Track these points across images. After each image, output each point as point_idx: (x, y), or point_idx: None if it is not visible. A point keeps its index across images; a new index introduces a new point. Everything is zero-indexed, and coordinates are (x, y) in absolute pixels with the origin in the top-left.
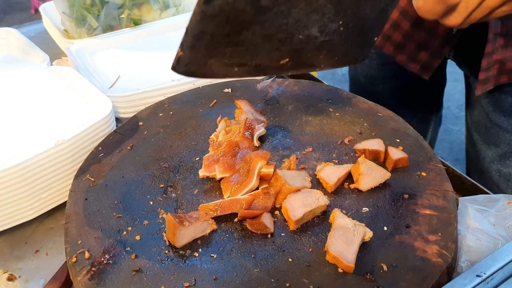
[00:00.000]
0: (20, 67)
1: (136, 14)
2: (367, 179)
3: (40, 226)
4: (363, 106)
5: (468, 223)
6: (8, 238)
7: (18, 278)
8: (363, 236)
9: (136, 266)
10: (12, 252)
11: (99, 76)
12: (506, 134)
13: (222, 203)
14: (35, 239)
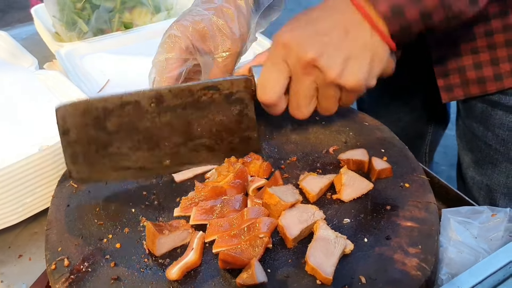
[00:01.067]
0: (8, 70)
1: (127, 18)
2: (349, 189)
3: (24, 231)
4: (350, 114)
5: (450, 235)
6: None
7: (0, 283)
8: (344, 249)
9: (115, 274)
10: None
11: (88, 80)
12: (478, 141)
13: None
14: (18, 244)
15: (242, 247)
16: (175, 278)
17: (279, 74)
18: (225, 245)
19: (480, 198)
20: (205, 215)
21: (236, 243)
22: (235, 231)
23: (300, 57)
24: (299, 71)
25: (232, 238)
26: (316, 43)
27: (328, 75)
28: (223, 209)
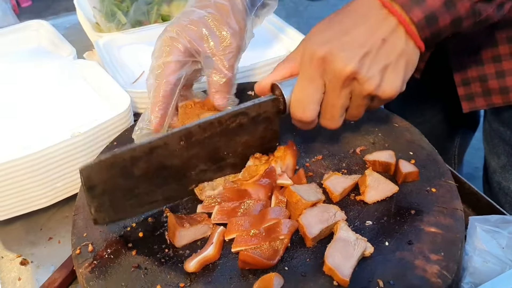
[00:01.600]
0: (48, 58)
1: (165, 10)
2: (373, 191)
3: (55, 214)
4: (380, 115)
5: (476, 244)
6: (24, 223)
7: (30, 263)
8: (364, 251)
9: (135, 262)
10: (27, 237)
11: (123, 71)
12: (505, 145)
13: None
14: (49, 227)
15: (262, 248)
16: (193, 271)
17: (316, 92)
18: (245, 244)
19: (506, 205)
20: (226, 216)
21: (255, 243)
22: (255, 230)
23: (339, 72)
24: (337, 85)
25: (252, 237)
26: (355, 55)
27: (367, 87)
28: (244, 212)
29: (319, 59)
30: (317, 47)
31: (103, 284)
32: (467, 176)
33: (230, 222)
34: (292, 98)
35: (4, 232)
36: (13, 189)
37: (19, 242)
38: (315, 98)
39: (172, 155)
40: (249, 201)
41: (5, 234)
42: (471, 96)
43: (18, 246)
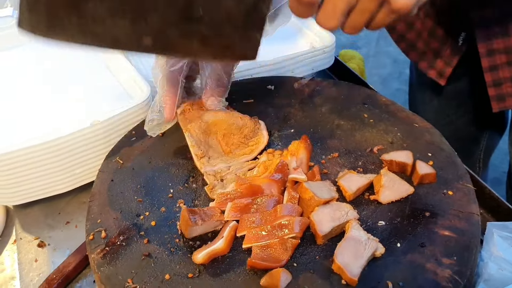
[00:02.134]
0: None
1: None
2: (388, 191)
3: (74, 199)
4: (400, 114)
5: (492, 250)
6: (44, 207)
7: (47, 246)
8: (374, 251)
9: (146, 251)
10: (45, 220)
11: (147, 61)
12: None
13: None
14: (67, 211)
15: (272, 247)
16: (200, 262)
17: None
18: (255, 241)
19: None
20: (239, 212)
21: (266, 239)
22: (267, 227)
23: None
24: None
25: (263, 234)
26: None
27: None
28: (257, 209)
29: None
30: None
31: (113, 270)
32: (493, 180)
33: (242, 218)
34: None
35: (23, 214)
36: (33, 174)
37: (37, 225)
38: None
39: None
40: (262, 198)
41: (24, 216)
42: (502, 97)
43: (36, 228)
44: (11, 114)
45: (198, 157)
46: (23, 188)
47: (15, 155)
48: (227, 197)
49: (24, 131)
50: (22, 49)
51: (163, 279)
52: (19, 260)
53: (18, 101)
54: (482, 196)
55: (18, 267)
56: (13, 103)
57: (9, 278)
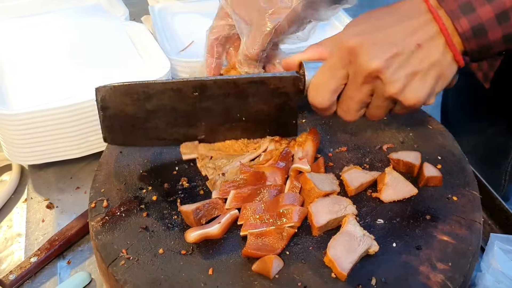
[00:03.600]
0: (101, 17)
1: None
2: (390, 191)
3: (86, 166)
4: (416, 115)
5: (491, 262)
6: (57, 171)
7: (55, 208)
8: (368, 249)
9: (144, 224)
10: (57, 184)
11: (173, 38)
12: None
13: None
14: (79, 177)
15: (267, 235)
16: (192, 242)
17: (336, 81)
18: (252, 228)
19: None
20: (241, 202)
21: (263, 227)
22: (266, 215)
23: (364, 66)
24: (359, 80)
25: (261, 223)
26: (384, 53)
27: (389, 89)
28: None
29: (347, 49)
30: (349, 38)
31: (110, 239)
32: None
33: (244, 207)
34: (311, 81)
35: (36, 176)
36: (48, 136)
37: (49, 187)
38: (332, 87)
39: (184, 102)
40: (264, 187)
41: (37, 177)
42: None
43: (47, 190)
44: (33, 77)
45: (200, 159)
46: (38, 149)
47: (33, 116)
48: (230, 185)
49: (44, 94)
50: (50, 15)
51: (157, 253)
52: (27, 218)
53: (41, 65)
54: (492, 208)
55: (25, 225)
56: (35, 67)
57: (16, 234)
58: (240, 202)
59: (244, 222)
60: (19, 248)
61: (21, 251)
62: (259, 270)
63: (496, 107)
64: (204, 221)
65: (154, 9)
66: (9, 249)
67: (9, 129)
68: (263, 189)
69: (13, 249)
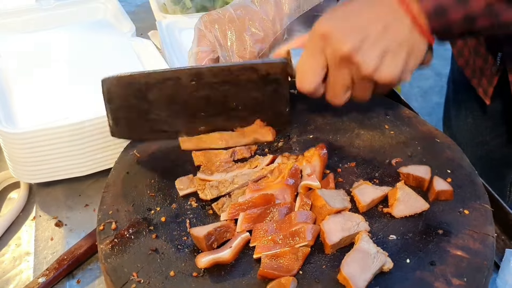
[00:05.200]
0: (107, 32)
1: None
2: (402, 206)
3: (95, 183)
4: (421, 128)
5: (507, 278)
6: (65, 188)
7: (64, 226)
8: (382, 266)
9: (154, 246)
10: (65, 201)
11: (181, 54)
12: None
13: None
14: (88, 194)
15: (282, 256)
16: (203, 267)
17: (317, 65)
18: (266, 250)
19: None
20: (252, 223)
21: (277, 248)
22: (279, 236)
23: (336, 50)
24: (336, 62)
25: (274, 244)
26: (354, 37)
27: (363, 70)
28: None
29: (320, 36)
30: (321, 25)
31: (120, 262)
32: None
33: (255, 228)
34: (297, 66)
35: (44, 193)
36: (55, 154)
37: (57, 204)
38: (315, 71)
39: (183, 91)
40: (274, 206)
41: (45, 195)
42: None
43: (56, 208)
44: (39, 94)
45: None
46: (45, 167)
47: (39, 134)
48: (239, 207)
49: (50, 112)
50: (57, 31)
51: (168, 276)
52: (36, 237)
53: (47, 82)
54: (505, 222)
55: (34, 244)
56: (42, 83)
57: (24, 253)
58: (251, 223)
59: (256, 244)
60: (28, 267)
61: (30, 270)
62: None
63: (497, 119)
64: (215, 245)
65: (161, 25)
66: (17, 268)
67: (15, 148)
68: (273, 208)
69: (21, 268)
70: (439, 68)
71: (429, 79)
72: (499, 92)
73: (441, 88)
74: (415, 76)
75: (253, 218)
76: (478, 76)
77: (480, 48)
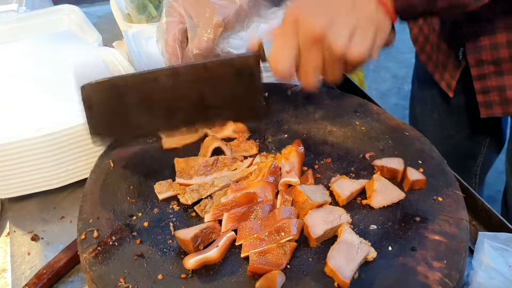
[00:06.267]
0: (73, 43)
1: None
2: (380, 196)
3: (70, 195)
4: (390, 123)
5: (482, 259)
6: (39, 201)
7: (41, 240)
8: (366, 255)
9: (139, 251)
10: (40, 214)
11: (149, 62)
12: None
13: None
14: (63, 206)
15: (269, 252)
16: (191, 268)
17: (289, 48)
18: (253, 248)
19: None
20: (237, 222)
21: (263, 245)
22: (266, 232)
23: (308, 31)
24: (308, 44)
25: (261, 241)
26: (324, 17)
27: (334, 49)
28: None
29: (291, 20)
30: (291, 10)
31: (106, 270)
32: (488, 198)
33: (241, 227)
34: (270, 53)
35: (18, 207)
36: (25, 167)
37: (32, 218)
38: (287, 54)
39: (161, 91)
40: (257, 204)
41: (19, 209)
42: (490, 104)
43: (30, 222)
44: (5, 107)
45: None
46: (15, 181)
47: (7, 148)
48: (222, 208)
49: (18, 125)
50: (21, 43)
51: (156, 279)
52: (11, 252)
53: (13, 95)
54: (475, 208)
55: (10, 260)
56: (8, 96)
57: (0, 270)
58: (236, 223)
59: (243, 243)
60: (5, 284)
61: (8, 287)
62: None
63: (461, 114)
64: (201, 247)
65: (128, 34)
66: None
67: None
68: (256, 206)
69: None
70: (395, 70)
71: (386, 81)
72: (462, 86)
73: (398, 89)
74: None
75: (237, 217)
76: (441, 71)
77: (442, 44)
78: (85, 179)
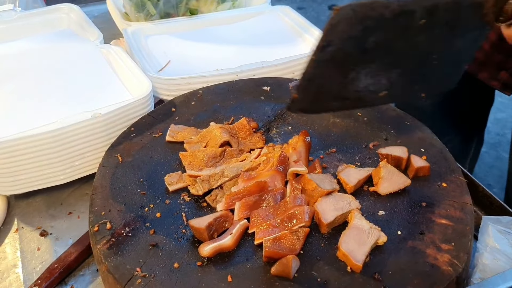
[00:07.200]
0: (75, 41)
1: (193, 5)
2: (386, 183)
3: (76, 191)
4: (391, 113)
5: (487, 241)
6: (46, 198)
7: (49, 235)
8: (377, 240)
9: (153, 241)
10: (47, 210)
11: (150, 59)
12: None
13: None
14: (70, 202)
15: (283, 238)
16: (206, 256)
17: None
18: (267, 235)
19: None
20: (249, 210)
21: (276, 232)
22: (278, 219)
23: None
24: None
25: (273, 228)
26: None
27: None
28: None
29: None
30: None
31: (121, 260)
32: None
33: (253, 215)
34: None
35: (25, 204)
36: (32, 163)
37: (39, 214)
38: None
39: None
40: (269, 192)
41: (26, 206)
42: None
43: (39, 218)
44: (13, 104)
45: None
46: (22, 178)
47: (14, 144)
48: (235, 197)
49: (25, 121)
50: (21, 42)
51: (172, 268)
52: (21, 248)
53: (21, 92)
54: (476, 194)
55: (20, 255)
56: (16, 93)
57: (11, 265)
58: (248, 211)
59: (256, 230)
60: (17, 279)
61: (19, 281)
62: (279, 272)
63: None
64: (215, 235)
65: (127, 32)
66: (6, 281)
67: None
68: (267, 195)
69: (10, 281)
70: None
71: None
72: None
73: None
74: None
75: (249, 206)
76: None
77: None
78: (91, 175)
